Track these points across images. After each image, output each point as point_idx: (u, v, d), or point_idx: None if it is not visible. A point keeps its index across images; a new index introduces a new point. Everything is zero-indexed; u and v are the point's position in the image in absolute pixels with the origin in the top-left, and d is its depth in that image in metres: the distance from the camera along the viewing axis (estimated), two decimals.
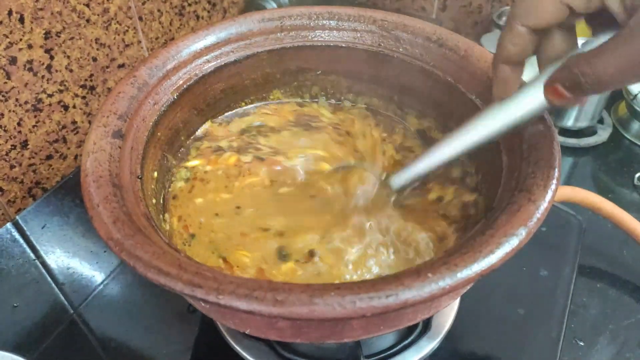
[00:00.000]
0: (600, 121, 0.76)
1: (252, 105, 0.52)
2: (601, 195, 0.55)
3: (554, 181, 0.32)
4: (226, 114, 0.51)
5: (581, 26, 0.33)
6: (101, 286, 0.53)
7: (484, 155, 0.40)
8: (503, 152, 0.37)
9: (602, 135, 0.74)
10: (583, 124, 0.73)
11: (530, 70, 0.79)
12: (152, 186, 0.40)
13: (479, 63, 0.41)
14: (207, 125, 0.49)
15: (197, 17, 0.82)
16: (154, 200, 0.39)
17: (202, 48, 0.45)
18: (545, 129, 0.35)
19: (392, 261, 0.38)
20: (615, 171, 0.70)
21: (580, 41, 0.32)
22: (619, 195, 0.66)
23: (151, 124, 0.40)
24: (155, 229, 0.33)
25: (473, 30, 0.91)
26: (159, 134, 0.42)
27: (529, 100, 0.33)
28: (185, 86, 0.44)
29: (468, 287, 0.34)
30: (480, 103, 0.41)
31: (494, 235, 0.29)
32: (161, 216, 0.42)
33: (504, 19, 0.80)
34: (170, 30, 0.77)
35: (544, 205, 0.30)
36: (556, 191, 0.31)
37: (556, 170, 0.32)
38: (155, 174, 0.41)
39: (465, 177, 0.44)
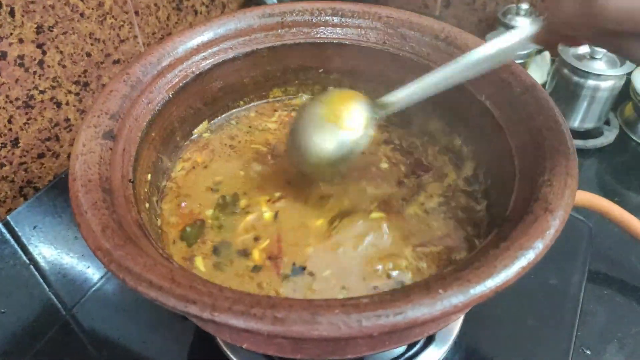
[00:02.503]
0: (607, 122, 0.74)
1: (251, 104, 0.50)
2: (607, 198, 0.53)
3: (572, 190, 0.30)
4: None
5: None
6: (95, 287, 0.51)
7: (493, 159, 0.39)
8: (515, 157, 0.35)
9: (609, 136, 0.72)
10: (589, 125, 0.72)
11: (534, 70, 0.77)
12: (145, 189, 0.38)
13: None
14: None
15: (195, 12, 0.80)
16: (147, 205, 0.37)
17: (200, 44, 0.43)
18: (560, 134, 0.33)
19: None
20: (622, 174, 0.68)
21: None
22: (625, 198, 0.64)
23: (145, 124, 0.38)
24: (147, 236, 0.31)
25: (477, 28, 0.89)
26: (153, 134, 0.40)
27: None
28: (181, 84, 0.42)
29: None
30: (491, 105, 0.39)
31: (509, 248, 0.27)
32: (155, 219, 0.40)
33: (509, 16, 0.78)
34: (167, 25, 0.75)
35: (561, 216, 0.29)
36: (574, 200, 0.29)
37: (574, 177, 0.30)
38: (149, 176, 0.39)
39: (473, 182, 0.42)
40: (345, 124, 0.36)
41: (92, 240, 0.28)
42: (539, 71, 0.76)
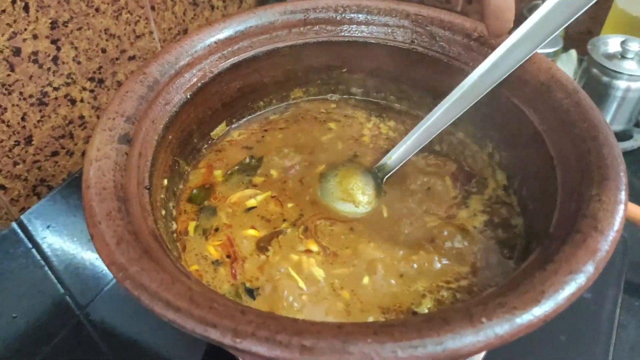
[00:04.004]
0: (637, 124, 0.71)
1: (271, 107, 0.48)
2: (637, 204, 0.50)
3: (622, 206, 0.27)
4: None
5: None
6: (108, 286, 0.50)
7: (530, 169, 0.36)
8: (557, 168, 0.32)
9: (639, 139, 0.69)
10: (618, 127, 0.69)
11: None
12: (162, 196, 0.36)
13: (528, 65, 0.37)
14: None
15: (212, 7, 0.78)
16: (163, 212, 0.35)
17: (219, 42, 0.41)
18: (607, 143, 0.31)
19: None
20: None
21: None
22: None
23: (162, 126, 0.36)
24: (163, 248, 0.29)
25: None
26: (170, 137, 0.38)
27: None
28: (199, 84, 0.40)
29: None
30: (528, 110, 0.36)
31: (558, 271, 0.24)
32: (171, 223, 0.38)
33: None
34: (183, 20, 0.73)
35: (612, 235, 0.26)
36: (625, 218, 0.27)
37: (624, 193, 0.28)
38: (165, 181, 0.37)
39: (507, 191, 0.40)
40: (359, 202, 0.40)
41: (106, 254, 0.26)
42: (565, 70, 0.73)
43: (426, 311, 0.33)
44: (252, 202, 0.40)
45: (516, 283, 0.25)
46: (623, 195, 0.28)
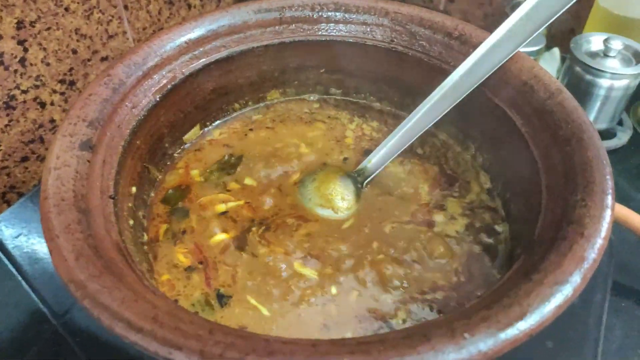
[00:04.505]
0: (620, 123, 0.71)
1: (248, 109, 0.46)
2: (620, 203, 0.49)
3: (609, 211, 0.26)
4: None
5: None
6: None
7: (514, 172, 0.35)
8: (541, 170, 0.31)
9: (622, 138, 0.69)
10: (601, 126, 0.68)
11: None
12: (129, 204, 0.34)
13: (509, 64, 0.36)
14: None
15: (189, 5, 0.76)
16: (131, 222, 0.34)
17: (190, 42, 0.40)
18: (591, 145, 0.30)
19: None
20: (636, 177, 0.65)
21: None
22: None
23: (128, 131, 0.34)
24: (128, 262, 0.27)
25: (484, 23, 0.85)
26: (138, 142, 0.36)
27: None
28: (169, 86, 0.38)
29: None
30: (510, 110, 0.35)
31: (543, 282, 0.23)
32: (140, 235, 0.36)
33: None
34: (159, 20, 0.71)
35: (599, 242, 0.25)
36: (612, 224, 0.26)
37: (610, 197, 0.27)
38: (134, 189, 0.36)
39: (491, 195, 0.39)
40: (339, 208, 0.39)
41: (63, 270, 0.24)
42: (548, 69, 0.72)
43: (401, 322, 0.32)
44: (221, 208, 0.39)
45: (500, 295, 0.24)
46: (609, 199, 0.27)
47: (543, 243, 0.26)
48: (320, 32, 0.43)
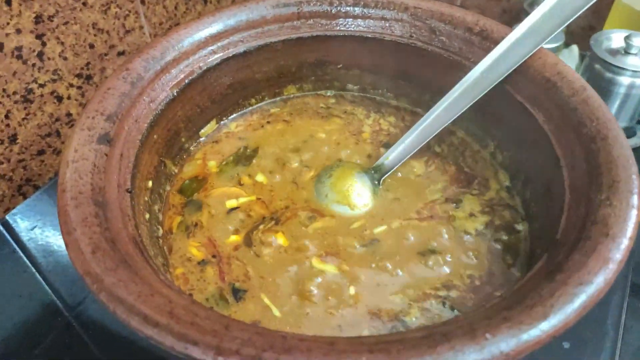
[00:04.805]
0: None
1: (263, 103, 0.46)
2: None
3: (635, 211, 0.26)
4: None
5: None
6: None
7: (535, 170, 0.34)
8: (564, 169, 0.30)
9: None
10: (621, 124, 0.67)
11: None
12: (146, 198, 0.34)
13: (531, 60, 0.35)
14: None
15: (205, 0, 0.76)
16: (147, 216, 0.34)
17: (207, 37, 0.39)
18: (616, 144, 0.29)
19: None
20: None
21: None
22: None
23: (146, 125, 0.34)
24: (144, 256, 0.27)
25: (501, 19, 0.84)
26: (155, 136, 0.36)
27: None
28: (187, 81, 0.38)
29: None
30: (533, 107, 0.35)
31: (567, 282, 0.23)
32: (156, 229, 0.36)
33: (535, 7, 0.73)
34: (175, 15, 0.71)
35: (624, 242, 0.24)
36: (638, 224, 0.25)
37: (636, 196, 0.26)
38: (150, 183, 0.36)
39: (510, 193, 0.38)
40: (356, 205, 0.39)
41: (80, 264, 0.24)
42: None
43: (414, 320, 0.31)
44: (233, 203, 0.39)
45: (522, 295, 0.23)
46: (636, 199, 0.26)
47: (566, 243, 0.26)
48: (338, 27, 0.42)
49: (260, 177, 0.41)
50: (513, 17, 0.83)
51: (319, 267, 0.35)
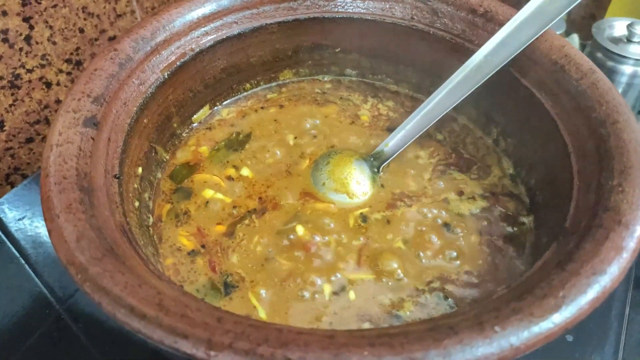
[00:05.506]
0: None
1: (258, 88, 0.44)
2: None
3: None
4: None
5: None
6: None
7: (541, 157, 0.33)
8: (572, 155, 0.29)
9: None
10: None
11: None
12: (135, 185, 0.33)
13: (539, 43, 0.34)
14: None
15: None
16: (136, 204, 0.32)
17: (200, 17, 0.38)
18: (628, 128, 0.28)
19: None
20: None
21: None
22: None
23: (135, 109, 0.33)
24: (132, 244, 0.26)
25: (506, 2, 0.83)
26: (145, 121, 0.34)
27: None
28: (178, 63, 0.36)
29: None
30: (539, 92, 0.33)
31: (580, 272, 0.21)
32: (147, 216, 0.35)
33: None
34: None
35: (639, 230, 0.23)
36: None
37: None
38: (140, 170, 0.34)
39: (514, 181, 0.37)
40: (354, 193, 0.37)
41: (63, 252, 0.23)
42: None
43: (408, 314, 0.30)
44: (209, 194, 0.38)
45: (531, 286, 0.22)
46: None
47: (576, 231, 0.25)
48: (337, 9, 0.41)
49: (250, 163, 0.39)
50: (518, 1, 0.81)
51: (314, 258, 0.33)
